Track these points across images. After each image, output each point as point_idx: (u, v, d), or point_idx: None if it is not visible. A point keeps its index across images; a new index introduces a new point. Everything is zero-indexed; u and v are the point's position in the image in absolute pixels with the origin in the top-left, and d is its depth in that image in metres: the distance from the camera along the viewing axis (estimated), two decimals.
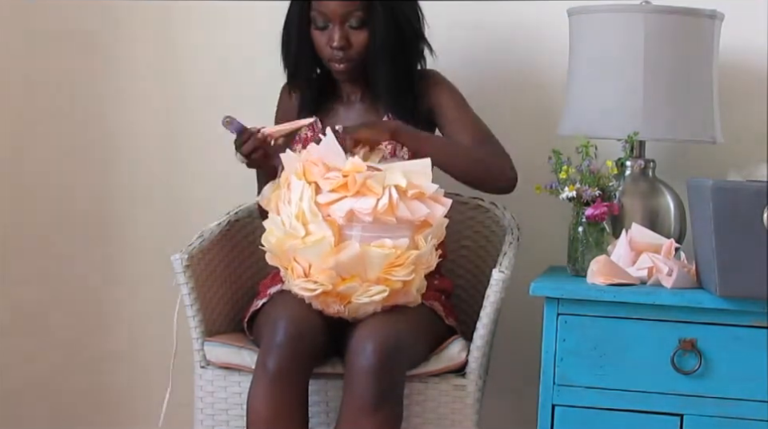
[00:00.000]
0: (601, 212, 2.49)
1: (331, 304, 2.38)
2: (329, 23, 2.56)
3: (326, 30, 2.57)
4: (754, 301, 2.29)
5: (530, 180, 2.59)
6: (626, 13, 2.61)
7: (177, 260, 2.50)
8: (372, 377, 2.28)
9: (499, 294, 2.44)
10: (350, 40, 2.56)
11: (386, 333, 2.31)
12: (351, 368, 2.31)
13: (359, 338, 2.32)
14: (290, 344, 2.31)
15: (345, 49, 2.56)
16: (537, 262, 2.76)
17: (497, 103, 2.94)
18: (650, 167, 2.69)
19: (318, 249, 2.32)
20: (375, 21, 2.54)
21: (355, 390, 2.29)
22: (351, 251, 2.31)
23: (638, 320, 2.36)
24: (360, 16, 2.55)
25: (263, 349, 2.34)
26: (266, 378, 2.31)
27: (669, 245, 2.49)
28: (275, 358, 2.31)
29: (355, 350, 2.31)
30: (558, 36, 2.78)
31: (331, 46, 2.56)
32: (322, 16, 2.56)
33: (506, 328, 2.78)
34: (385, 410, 2.29)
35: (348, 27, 2.56)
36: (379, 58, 2.57)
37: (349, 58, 2.57)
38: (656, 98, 2.59)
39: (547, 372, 2.39)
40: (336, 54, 2.57)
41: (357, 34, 2.56)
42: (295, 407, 2.33)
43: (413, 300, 2.43)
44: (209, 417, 2.53)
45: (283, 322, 2.33)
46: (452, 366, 2.46)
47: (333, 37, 2.55)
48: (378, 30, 2.55)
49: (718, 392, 2.34)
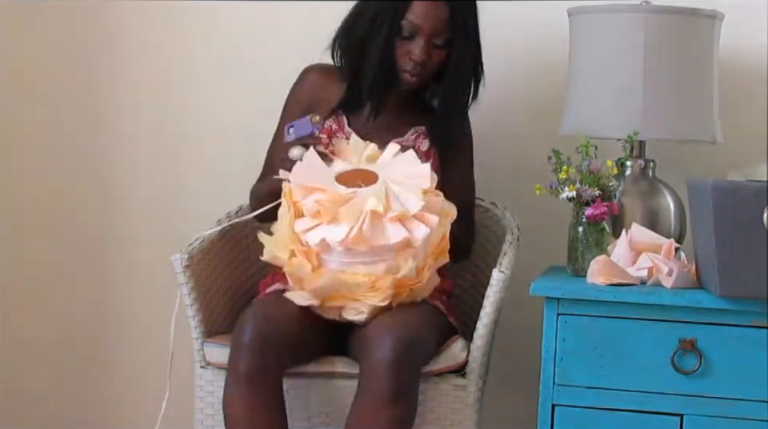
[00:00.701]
0: (601, 212, 2.49)
1: (329, 311, 2.42)
2: (416, 35, 2.54)
3: (409, 41, 2.54)
4: (754, 301, 2.29)
5: (530, 180, 2.59)
6: (626, 13, 2.61)
7: (177, 260, 2.50)
8: (391, 370, 2.27)
9: (499, 294, 2.44)
10: (430, 56, 2.56)
11: (403, 327, 2.32)
12: (369, 362, 2.30)
13: (376, 333, 2.32)
14: (257, 345, 2.31)
15: (423, 63, 2.55)
16: (537, 262, 2.75)
17: (497, 103, 2.93)
18: (650, 167, 2.69)
19: (299, 272, 2.37)
20: (460, 45, 2.55)
21: (373, 383, 2.29)
22: (325, 280, 2.35)
23: (638, 320, 2.36)
24: (447, 37, 2.54)
25: (232, 351, 2.35)
26: (237, 379, 2.32)
27: (669, 245, 2.49)
28: (243, 360, 2.31)
29: (372, 345, 2.30)
30: (558, 36, 2.78)
31: (411, 58, 2.55)
32: (412, 26, 2.53)
33: (506, 328, 2.78)
34: (403, 403, 2.29)
35: (432, 44, 2.55)
36: (457, 82, 2.58)
37: (423, 74, 2.57)
38: (656, 98, 2.59)
39: (547, 372, 2.39)
40: (414, 68, 2.55)
41: (438, 52, 2.56)
42: (269, 408, 2.33)
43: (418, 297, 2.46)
44: (209, 417, 2.53)
45: (249, 323, 2.33)
46: (452, 365, 2.46)
47: (415, 51, 2.53)
48: (463, 55, 2.56)
49: (718, 392, 2.34)
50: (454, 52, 2.56)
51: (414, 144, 2.63)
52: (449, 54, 2.56)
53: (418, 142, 2.64)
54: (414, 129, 2.65)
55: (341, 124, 2.65)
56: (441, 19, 2.53)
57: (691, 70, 2.62)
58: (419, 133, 2.65)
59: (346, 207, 2.33)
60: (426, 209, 2.37)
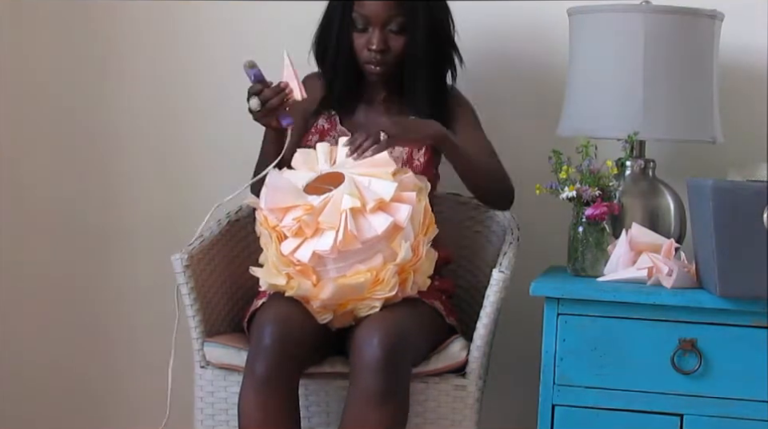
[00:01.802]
0: (601, 212, 2.49)
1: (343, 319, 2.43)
2: (369, 26, 2.57)
3: (365, 33, 2.58)
4: (754, 301, 2.29)
5: (530, 180, 2.59)
6: (626, 13, 2.61)
7: (177, 260, 2.50)
8: (379, 370, 2.28)
9: (499, 294, 2.44)
10: (388, 44, 2.57)
11: (391, 327, 2.32)
12: (357, 362, 2.31)
13: (365, 333, 2.32)
14: (277, 348, 2.31)
15: (383, 52, 2.57)
16: (537, 262, 2.76)
17: (497, 103, 2.94)
18: (650, 167, 2.69)
19: (301, 292, 2.37)
20: (415, 27, 2.56)
21: (362, 383, 2.29)
22: (329, 290, 2.35)
23: (638, 320, 2.36)
24: (401, 21, 2.56)
25: (251, 353, 2.35)
26: (254, 382, 2.31)
27: (669, 245, 2.49)
28: (262, 362, 2.31)
29: (361, 344, 2.31)
30: (558, 36, 2.78)
31: (369, 48, 2.57)
32: (363, 18, 2.56)
33: (506, 328, 2.78)
34: (392, 403, 2.29)
35: (388, 31, 2.57)
36: (417, 65, 2.59)
37: (386, 62, 2.59)
38: (656, 98, 2.59)
39: (547, 372, 2.39)
40: (374, 57, 2.58)
41: (396, 38, 2.58)
42: (286, 410, 2.33)
43: (417, 289, 2.46)
44: (209, 417, 2.53)
45: (270, 326, 2.33)
46: (452, 365, 2.46)
47: (372, 40, 2.57)
48: (417, 37, 2.57)
49: (718, 392, 2.34)
50: (408, 33, 2.57)
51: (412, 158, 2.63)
52: (408, 37, 2.58)
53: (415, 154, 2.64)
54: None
55: (333, 123, 2.66)
56: (389, 5, 2.55)
57: (691, 70, 2.62)
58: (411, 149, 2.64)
59: (325, 215, 2.33)
60: (401, 188, 2.38)
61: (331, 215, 2.33)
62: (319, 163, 2.46)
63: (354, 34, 2.58)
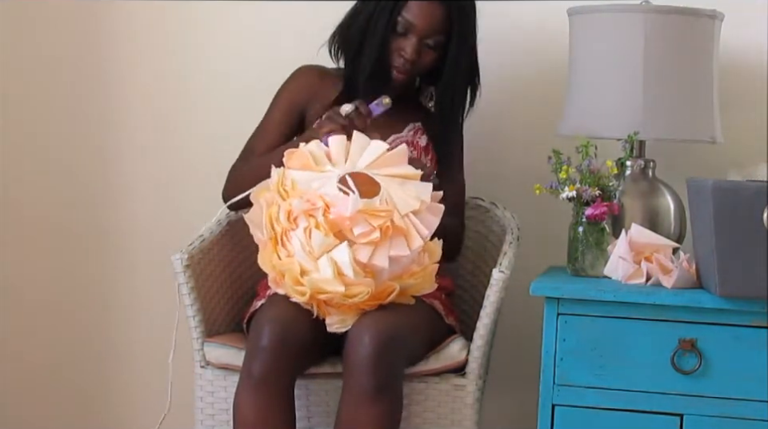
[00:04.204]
0: (601, 212, 2.49)
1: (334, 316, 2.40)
2: (409, 33, 2.56)
3: (402, 38, 2.57)
4: (753, 301, 2.29)
5: (530, 180, 2.59)
6: (626, 13, 2.61)
7: (177, 260, 2.50)
8: (370, 367, 2.28)
9: (499, 294, 2.44)
10: (420, 56, 2.57)
11: (383, 324, 2.32)
12: (349, 359, 2.31)
13: (357, 330, 2.32)
14: (275, 349, 2.31)
15: (413, 63, 2.57)
16: (537, 262, 2.76)
17: (497, 103, 2.93)
18: (650, 167, 2.69)
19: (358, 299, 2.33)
20: (452, 49, 2.56)
21: (354, 380, 2.30)
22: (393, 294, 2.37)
23: (638, 320, 2.36)
24: (440, 39, 2.57)
25: (248, 353, 2.35)
26: (251, 382, 2.31)
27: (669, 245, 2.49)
28: (260, 362, 2.31)
29: (353, 342, 2.31)
30: (558, 36, 2.78)
31: (402, 55, 2.57)
32: (407, 24, 2.56)
33: (506, 328, 2.78)
34: (384, 400, 2.30)
35: (424, 44, 2.57)
36: (448, 85, 2.60)
37: (411, 72, 2.59)
38: (656, 98, 2.59)
39: (547, 372, 2.39)
40: (404, 65, 2.58)
41: (428, 53, 2.58)
42: (281, 411, 2.33)
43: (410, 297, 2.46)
44: (209, 417, 2.53)
45: (268, 327, 2.33)
46: (452, 365, 2.46)
47: (407, 48, 2.56)
48: (454, 57, 2.57)
49: (718, 392, 2.34)
50: (449, 53, 2.58)
51: (412, 139, 2.65)
52: (439, 56, 2.58)
53: (416, 138, 2.66)
54: (412, 124, 2.68)
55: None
56: (436, 20, 2.55)
57: (691, 69, 2.62)
58: (417, 128, 2.67)
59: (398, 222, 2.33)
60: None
61: (401, 221, 2.34)
62: (333, 158, 2.44)
63: (392, 36, 2.57)
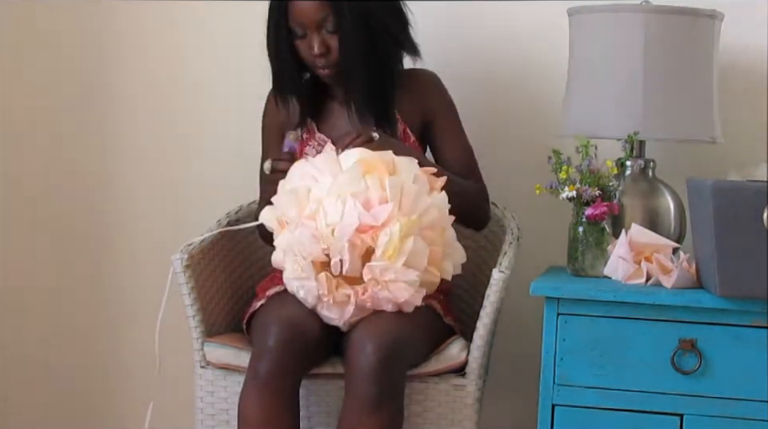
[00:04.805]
0: (601, 212, 2.49)
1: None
2: (306, 31, 2.56)
3: (306, 38, 2.57)
4: (754, 301, 2.29)
5: (530, 180, 2.59)
6: (625, 13, 2.61)
7: (177, 260, 2.50)
8: (372, 377, 2.27)
9: (499, 294, 2.44)
10: (328, 45, 2.56)
11: (385, 332, 2.31)
12: (351, 369, 2.31)
13: (359, 338, 2.32)
14: (281, 349, 2.31)
15: (325, 55, 2.57)
16: (537, 262, 2.76)
17: (497, 103, 2.94)
18: (650, 167, 2.69)
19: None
20: (344, 24, 2.54)
21: (356, 391, 2.29)
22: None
23: (638, 320, 2.36)
24: (332, 20, 2.55)
25: (254, 353, 2.35)
26: (256, 382, 2.31)
27: (669, 245, 2.49)
28: (266, 363, 2.31)
29: (355, 351, 2.30)
30: (558, 36, 2.78)
31: (313, 53, 2.57)
32: (298, 25, 2.56)
33: (506, 328, 2.78)
34: (386, 410, 2.29)
35: (325, 33, 2.56)
36: (351, 61, 2.56)
37: (331, 64, 2.58)
38: (656, 98, 2.59)
39: (547, 372, 2.39)
40: (318, 61, 2.57)
41: (334, 38, 2.56)
42: (286, 412, 2.32)
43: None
44: (209, 417, 2.53)
45: (274, 327, 2.33)
46: (452, 365, 2.46)
47: (312, 44, 2.56)
48: (347, 33, 2.54)
49: (718, 392, 2.34)
50: (342, 30, 2.54)
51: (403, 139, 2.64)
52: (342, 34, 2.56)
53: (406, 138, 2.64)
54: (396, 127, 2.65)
55: (311, 131, 2.66)
56: (316, 7, 2.54)
57: (691, 70, 2.62)
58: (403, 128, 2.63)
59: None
60: None
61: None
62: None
63: (297, 42, 2.58)
